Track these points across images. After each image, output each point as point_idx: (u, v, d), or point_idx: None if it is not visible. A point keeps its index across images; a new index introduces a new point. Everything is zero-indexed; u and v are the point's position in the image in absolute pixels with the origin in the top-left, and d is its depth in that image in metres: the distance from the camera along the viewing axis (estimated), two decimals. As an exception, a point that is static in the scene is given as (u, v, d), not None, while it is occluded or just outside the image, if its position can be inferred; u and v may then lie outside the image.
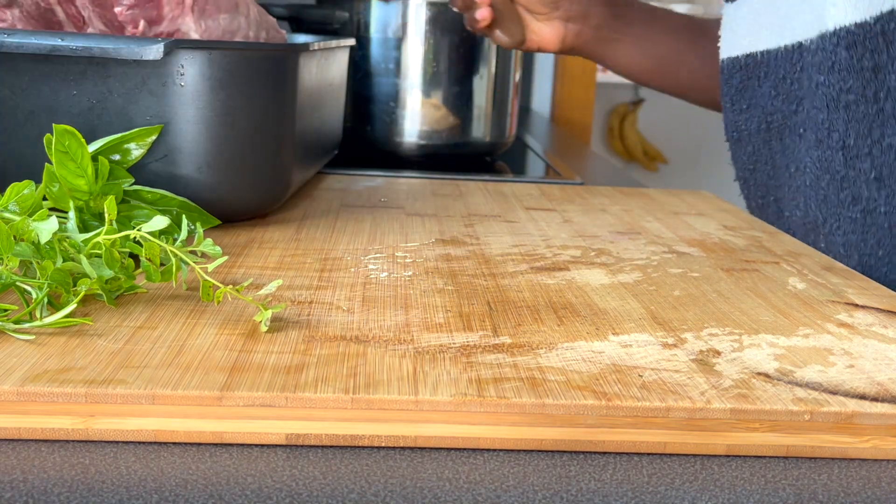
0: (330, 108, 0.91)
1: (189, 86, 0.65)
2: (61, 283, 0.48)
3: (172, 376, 0.41)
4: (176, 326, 0.48)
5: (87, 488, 0.35)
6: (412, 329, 0.49)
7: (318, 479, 0.37)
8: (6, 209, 0.52)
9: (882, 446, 0.41)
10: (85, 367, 0.41)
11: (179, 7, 0.69)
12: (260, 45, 0.71)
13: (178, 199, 0.62)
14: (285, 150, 0.73)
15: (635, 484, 0.38)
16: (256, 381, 0.41)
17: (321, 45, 0.79)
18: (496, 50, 1.14)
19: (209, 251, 0.51)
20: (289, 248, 0.65)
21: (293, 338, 0.47)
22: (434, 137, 1.11)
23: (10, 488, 0.35)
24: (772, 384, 0.44)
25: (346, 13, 1.10)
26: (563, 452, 0.41)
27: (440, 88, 1.11)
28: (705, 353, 0.48)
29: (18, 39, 0.61)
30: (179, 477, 0.37)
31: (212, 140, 0.66)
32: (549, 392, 0.41)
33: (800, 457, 0.41)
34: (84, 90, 0.64)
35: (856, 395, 0.43)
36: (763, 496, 0.38)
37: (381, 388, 0.41)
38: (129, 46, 0.61)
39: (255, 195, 0.72)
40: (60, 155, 0.56)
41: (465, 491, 0.37)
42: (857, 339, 0.51)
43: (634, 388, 0.42)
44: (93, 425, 0.39)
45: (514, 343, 0.48)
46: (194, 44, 0.65)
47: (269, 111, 0.70)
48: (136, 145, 0.64)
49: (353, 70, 1.08)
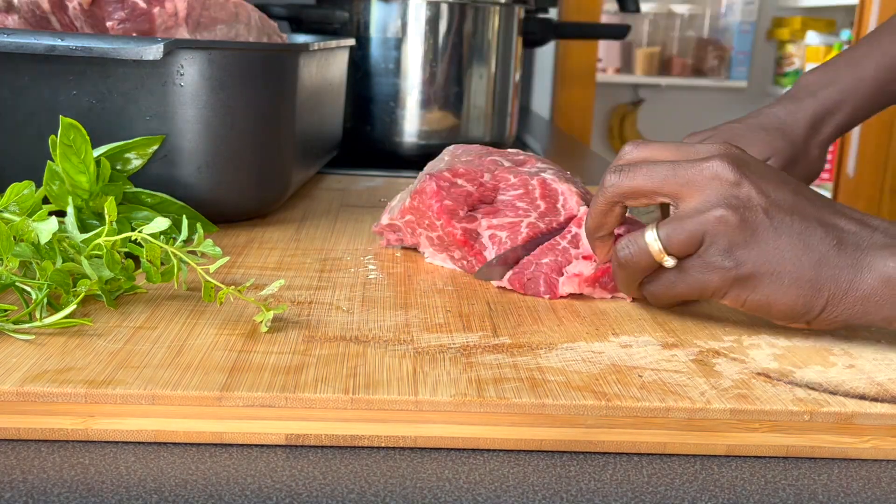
0: (330, 108, 0.91)
1: (188, 86, 0.65)
2: (61, 284, 0.48)
3: (172, 376, 0.41)
4: (176, 327, 0.48)
5: (87, 488, 0.35)
6: (412, 329, 0.49)
7: (318, 479, 0.37)
8: (6, 209, 0.52)
9: (882, 446, 0.41)
10: (85, 368, 0.41)
11: (173, 19, 0.69)
12: (259, 45, 0.71)
13: (177, 204, 0.62)
14: (285, 150, 0.73)
15: (635, 484, 0.38)
16: (256, 382, 0.41)
17: (321, 45, 0.79)
18: (496, 50, 1.14)
19: (209, 252, 0.51)
20: (289, 248, 0.65)
21: (293, 338, 0.47)
22: (434, 137, 1.11)
23: (10, 488, 0.35)
24: (772, 384, 0.44)
25: (346, 13, 1.10)
26: (563, 452, 0.40)
27: (440, 88, 1.11)
28: (705, 353, 0.48)
29: (18, 39, 0.61)
30: (179, 477, 0.37)
31: (211, 140, 0.66)
32: (548, 392, 0.41)
33: (800, 457, 0.41)
34: (84, 90, 0.64)
35: (856, 395, 0.43)
36: (763, 496, 0.38)
37: (380, 388, 0.41)
38: (128, 46, 0.61)
39: (255, 195, 0.72)
40: (65, 148, 0.57)
41: (465, 491, 0.37)
42: (856, 339, 0.51)
43: (634, 389, 0.42)
44: (92, 425, 0.39)
45: (513, 343, 0.48)
46: (194, 44, 0.65)
47: (269, 111, 0.70)
48: (136, 155, 0.64)
49: (353, 70, 1.08)
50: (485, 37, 1.12)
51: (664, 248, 0.49)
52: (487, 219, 0.61)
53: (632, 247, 0.50)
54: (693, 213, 0.48)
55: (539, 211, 0.61)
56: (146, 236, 0.50)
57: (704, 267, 0.48)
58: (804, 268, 0.47)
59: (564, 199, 0.62)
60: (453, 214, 0.60)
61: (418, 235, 0.63)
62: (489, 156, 0.66)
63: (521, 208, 0.61)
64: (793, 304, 0.47)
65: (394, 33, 1.09)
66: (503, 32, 1.14)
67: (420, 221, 0.62)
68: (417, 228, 0.63)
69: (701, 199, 0.48)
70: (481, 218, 0.61)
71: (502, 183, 0.63)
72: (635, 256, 0.50)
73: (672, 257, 0.49)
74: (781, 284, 0.47)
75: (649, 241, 0.49)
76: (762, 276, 0.47)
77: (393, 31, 1.09)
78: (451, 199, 0.60)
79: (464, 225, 0.60)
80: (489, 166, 0.64)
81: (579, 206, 0.61)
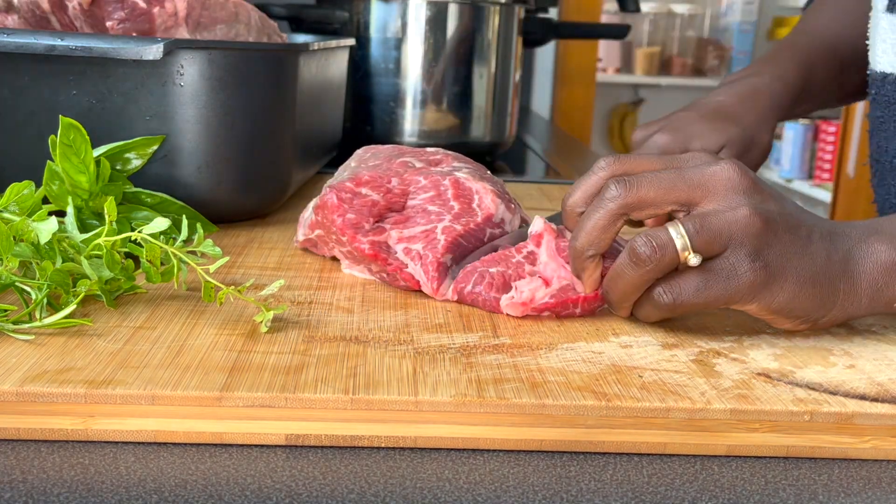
0: (330, 108, 0.91)
1: (188, 86, 0.65)
2: (61, 284, 0.48)
3: (172, 377, 0.41)
4: (175, 327, 0.48)
5: (87, 488, 0.35)
6: (412, 329, 0.49)
7: (318, 480, 0.37)
8: (6, 209, 0.52)
9: (882, 446, 0.41)
10: (84, 368, 0.41)
11: (172, 19, 0.69)
12: (259, 45, 0.71)
13: (177, 204, 0.62)
14: (285, 150, 0.73)
15: (635, 484, 0.38)
16: (256, 382, 0.41)
17: (321, 45, 0.79)
18: (496, 50, 1.14)
19: (209, 252, 0.51)
20: (289, 248, 0.65)
21: (293, 338, 0.47)
22: (434, 137, 1.11)
23: (9, 488, 0.35)
24: (772, 384, 0.44)
25: (346, 13, 1.10)
26: (563, 453, 0.40)
27: (440, 88, 1.11)
28: (705, 353, 0.48)
29: (18, 39, 0.61)
30: (179, 477, 0.37)
31: (211, 140, 0.66)
32: (549, 393, 0.41)
33: (800, 457, 0.41)
34: (84, 90, 0.64)
35: (856, 395, 0.43)
36: (763, 496, 0.38)
37: (380, 388, 0.41)
38: (128, 46, 0.61)
39: (255, 195, 0.72)
40: (65, 148, 0.57)
41: (465, 491, 0.37)
42: (856, 340, 0.51)
43: (634, 389, 0.42)
44: (92, 426, 0.39)
45: (513, 343, 0.48)
46: (194, 44, 0.65)
47: (269, 111, 0.70)
48: (136, 155, 0.64)
49: (353, 70, 1.08)
50: (485, 37, 1.11)
51: (690, 244, 0.47)
52: (397, 229, 0.57)
53: (653, 242, 0.47)
54: (717, 213, 0.47)
55: (453, 213, 0.57)
56: (146, 236, 0.50)
57: (734, 269, 0.47)
58: (818, 266, 0.47)
59: (480, 198, 0.58)
60: (358, 228, 0.56)
61: (332, 249, 0.60)
62: (400, 157, 0.63)
63: (433, 212, 0.57)
64: (813, 302, 0.48)
65: (394, 33, 1.09)
66: (503, 32, 1.14)
67: (328, 236, 0.59)
68: (329, 242, 0.59)
69: (720, 202, 0.48)
70: (390, 229, 0.57)
71: (412, 186, 0.59)
72: (657, 253, 0.47)
73: (696, 255, 0.47)
74: (804, 284, 0.47)
75: (674, 237, 0.47)
76: (787, 277, 0.47)
77: (393, 31, 1.09)
78: (354, 212, 0.56)
79: (371, 238, 0.56)
80: (398, 169, 0.60)
81: (496, 204, 0.58)
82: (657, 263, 0.47)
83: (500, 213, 0.58)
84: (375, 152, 0.65)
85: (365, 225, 0.56)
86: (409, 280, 0.55)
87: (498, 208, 0.58)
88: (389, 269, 0.55)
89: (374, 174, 0.59)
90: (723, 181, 0.48)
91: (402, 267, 0.55)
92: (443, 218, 0.57)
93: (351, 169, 0.62)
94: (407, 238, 0.56)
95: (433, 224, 0.57)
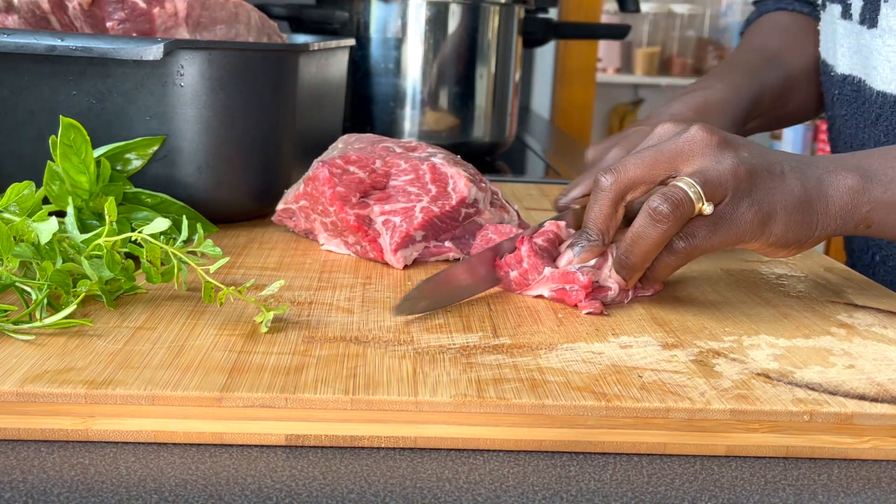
0: (330, 108, 0.91)
1: (188, 86, 0.65)
2: (61, 284, 0.48)
3: (172, 377, 0.41)
4: (175, 327, 0.48)
5: (87, 488, 0.35)
6: (412, 329, 0.49)
7: (318, 480, 0.37)
8: (6, 209, 0.52)
9: (882, 446, 0.41)
10: (85, 368, 0.41)
11: (172, 19, 0.69)
12: (259, 46, 0.71)
13: (178, 204, 0.62)
14: (285, 150, 0.73)
15: (635, 484, 0.38)
16: (256, 382, 0.41)
17: (321, 45, 0.79)
18: (496, 50, 1.14)
19: (209, 252, 0.51)
20: (289, 248, 0.65)
21: (293, 338, 0.47)
22: (434, 137, 1.11)
23: (9, 488, 0.35)
24: (771, 385, 0.44)
25: (346, 13, 1.10)
26: (563, 453, 0.40)
27: (440, 88, 1.11)
28: (705, 353, 0.48)
29: (18, 39, 0.61)
30: (179, 477, 0.37)
31: (211, 140, 0.66)
32: (548, 393, 0.41)
33: (800, 457, 0.41)
34: (84, 90, 0.64)
35: (855, 395, 0.43)
36: (763, 496, 0.38)
37: (380, 388, 0.41)
38: (128, 46, 0.61)
39: (255, 195, 0.72)
40: (65, 148, 0.57)
41: (465, 491, 0.37)
42: (856, 340, 0.51)
43: (634, 389, 0.42)
44: (92, 426, 0.39)
45: (513, 344, 0.48)
46: (194, 44, 0.65)
47: (269, 111, 0.70)
48: (136, 155, 0.64)
49: (353, 70, 1.08)
50: (485, 37, 1.12)
51: (702, 194, 0.51)
52: (380, 205, 0.62)
53: (671, 198, 0.50)
54: (707, 168, 0.52)
55: (430, 195, 0.63)
56: (146, 237, 0.50)
57: (735, 212, 0.52)
58: (797, 194, 0.53)
59: (454, 183, 0.64)
60: (346, 201, 0.61)
61: (312, 221, 0.65)
62: (381, 143, 0.68)
63: (412, 193, 0.63)
64: (802, 228, 0.53)
65: (394, 33, 1.09)
66: (503, 32, 1.14)
67: (314, 207, 0.64)
68: (311, 214, 0.64)
69: (703, 160, 0.52)
70: (374, 204, 0.62)
71: (394, 169, 0.65)
72: (679, 206, 0.50)
73: (709, 203, 0.51)
74: (792, 213, 0.53)
75: (688, 189, 0.51)
76: (777, 210, 0.53)
77: (393, 31, 1.09)
78: (343, 186, 0.62)
79: (356, 211, 0.61)
80: (381, 153, 0.66)
81: (468, 188, 0.64)
82: (678, 217, 0.51)
83: (472, 195, 0.64)
84: (359, 137, 0.70)
85: (352, 199, 0.62)
86: (378, 251, 0.61)
87: (471, 191, 0.64)
88: (366, 239, 0.61)
89: (361, 155, 0.65)
90: (698, 143, 0.53)
91: (376, 237, 0.61)
92: (421, 199, 0.63)
93: (339, 150, 0.67)
94: (388, 212, 0.62)
95: (412, 203, 0.63)
